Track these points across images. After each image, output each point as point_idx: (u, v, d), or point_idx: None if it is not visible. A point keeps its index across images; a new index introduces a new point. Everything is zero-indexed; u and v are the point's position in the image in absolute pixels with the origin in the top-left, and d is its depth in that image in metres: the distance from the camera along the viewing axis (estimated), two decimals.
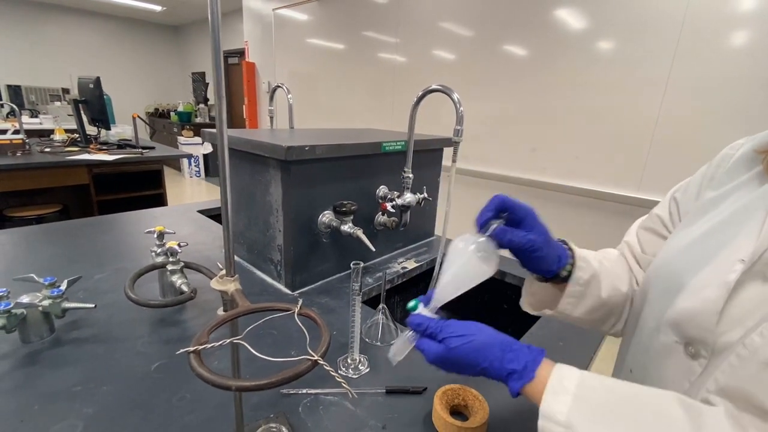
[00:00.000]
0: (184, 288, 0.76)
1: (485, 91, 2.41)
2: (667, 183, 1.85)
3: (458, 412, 0.59)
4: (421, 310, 0.47)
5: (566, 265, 0.51)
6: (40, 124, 4.02)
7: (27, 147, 2.38)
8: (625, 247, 0.60)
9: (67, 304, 0.70)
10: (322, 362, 0.29)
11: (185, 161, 5.89)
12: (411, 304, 0.48)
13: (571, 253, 0.52)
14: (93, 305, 0.72)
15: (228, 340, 0.32)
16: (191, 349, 0.29)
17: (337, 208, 0.93)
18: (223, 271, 0.40)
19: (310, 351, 0.30)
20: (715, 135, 1.70)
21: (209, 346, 0.30)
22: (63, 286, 0.71)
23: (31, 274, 0.72)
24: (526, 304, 0.59)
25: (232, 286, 0.38)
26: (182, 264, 0.80)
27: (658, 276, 0.47)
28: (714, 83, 1.68)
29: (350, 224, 0.94)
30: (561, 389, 0.38)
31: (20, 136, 2.37)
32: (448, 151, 1.09)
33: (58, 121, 3.98)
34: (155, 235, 0.86)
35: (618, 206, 2.04)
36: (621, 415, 0.35)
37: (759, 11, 1.54)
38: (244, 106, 4.39)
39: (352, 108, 3.32)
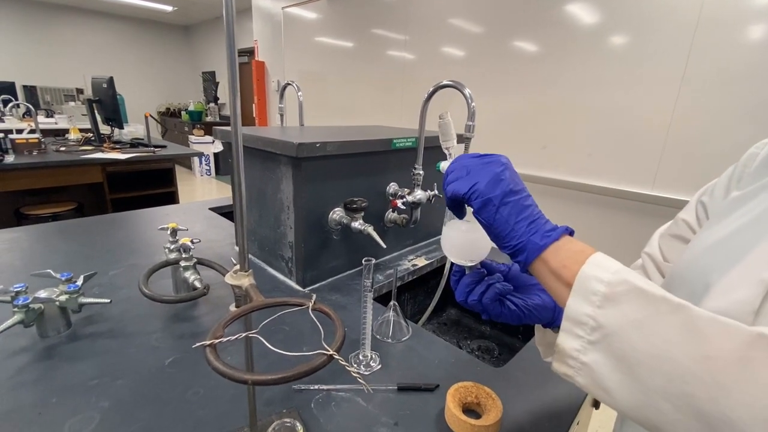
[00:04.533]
0: (197, 284, 0.77)
1: (495, 87, 2.38)
2: (682, 180, 1.83)
3: (471, 410, 0.59)
4: None
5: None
6: (56, 123, 4.10)
7: (43, 146, 2.43)
8: (647, 259, 0.57)
9: (83, 299, 0.71)
10: (337, 357, 0.29)
11: (196, 160, 5.95)
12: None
13: None
14: (108, 300, 0.73)
15: (243, 334, 0.32)
16: (207, 342, 0.29)
17: (347, 204, 0.93)
18: (237, 266, 0.40)
19: (325, 346, 0.30)
20: (733, 132, 1.66)
21: (225, 339, 0.30)
22: (79, 282, 0.72)
23: (49, 270, 0.74)
24: (549, 356, 0.54)
25: (246, 280, 0.38)
26: (195, 260, 0.80)
27: (681, 278, 0.44)
28: (732, 79, 1.63)
29: (361, 221, 0.94)
30: (610, 258, 0.34)
31: (36, 135, 2.42)
32: (458, 149, 1.08)
33: (73, 120, 4.05)
34: (168, 232, 0.87)
35: (632, 204, 2.00)
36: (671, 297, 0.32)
37: None
38: (253, 105, 4.41)
39: (361, 106, 3.32)
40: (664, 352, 0.29)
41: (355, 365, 0.68)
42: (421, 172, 1.00)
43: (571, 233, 0.38)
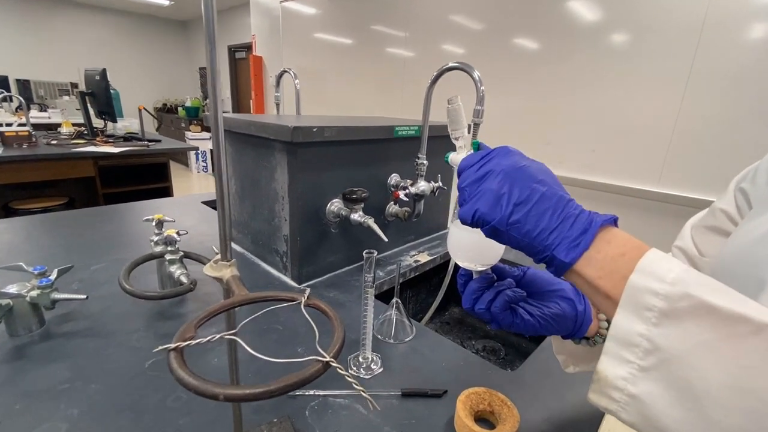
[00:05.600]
0: (183, 279, 0.71)
1: (497, 84, 2.33)
2: (688, 178, 1.78)
3: (484, 418, 0.53)
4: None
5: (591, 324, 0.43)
6: (49, 118, 4.02)
7: (33, 139, 2.36)
8: (679, 253, 0.51)
9: (56, 295, 0.65)
10: (335, 364, 0.24)
11: (193, 156, 5.88)
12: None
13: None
14: (84, 296, 0.67)
15: (218, 336, 0.26)
16: (171, 346, 0.23)
17: (346, 195, 0.87)
18: (218, 256, 0.34)
19: (320, 350, 0.24)
20: (739, 130, 1.61)
21: (194, 342, 0.24)
22: (53, 276, 0.66)
23: (20, 263, 0.67)
24: (569, 365, 0.50)
25: (227, 272, 0.33)
26: (181, 254, 0.75)
27: (727, 274, 0.38)
28: (738, 77, 1.58)
29: (360, 213, 0.88)
30: (666, 257, 0.28)
31: (26, 128, 2.35)
32: (468, 138, 1.02)
33: (66, 114, 3.97)
34: (154, 224, 0.81)
35: (637, 201, 1.95)
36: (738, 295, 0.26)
37: None
38: (251, 101, 4.34)
39: (360, 103, 3.26)
40: (744, 383, 0.23)
41: (355, 368, 0.62)
42: (425, 162, 0.94)
43: (614, 221, 0.32)
